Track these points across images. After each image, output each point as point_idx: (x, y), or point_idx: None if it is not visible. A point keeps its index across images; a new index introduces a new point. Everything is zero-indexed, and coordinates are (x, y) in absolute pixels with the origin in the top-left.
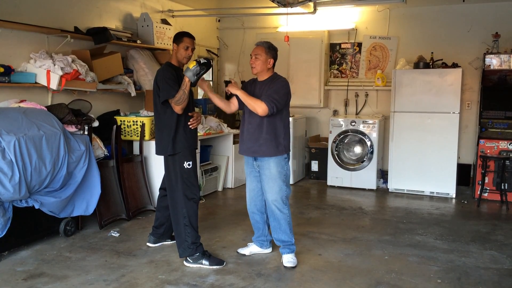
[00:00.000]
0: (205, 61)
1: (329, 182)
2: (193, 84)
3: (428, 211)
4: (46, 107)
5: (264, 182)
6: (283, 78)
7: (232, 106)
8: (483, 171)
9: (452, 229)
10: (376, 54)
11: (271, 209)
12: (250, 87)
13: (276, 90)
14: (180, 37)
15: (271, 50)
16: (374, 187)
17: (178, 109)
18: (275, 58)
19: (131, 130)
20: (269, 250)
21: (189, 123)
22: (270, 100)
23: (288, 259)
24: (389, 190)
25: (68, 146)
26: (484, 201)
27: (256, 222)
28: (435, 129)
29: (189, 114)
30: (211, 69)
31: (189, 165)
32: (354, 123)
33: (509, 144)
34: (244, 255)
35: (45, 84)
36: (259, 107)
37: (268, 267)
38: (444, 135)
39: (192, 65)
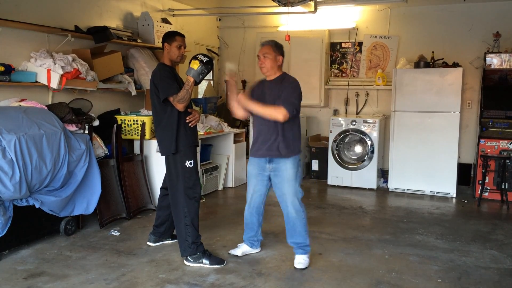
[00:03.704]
0: (208, 59)
1: (330, 182)
2: (197, 83)
3: (428, 211)
4: (46, 106)
5: (281, 185)
6: (294, 78)
7: (246, 113)
8: (483, 171)
9: (452, 229)
10: (377, 53)
11: (288, 211)
12: (258, 89)
13: (291, 92)
14: (171, 36)
15: (278, 47)
16: (375, 187)
17: (180, 107)
18: (283, 55)
19: (132, 129)
20: (259, 249)
21: (187, 121)
22: (289, 103)
23: (300, 260)
24: (390, 190)
25: (69, 145)
26: (484, 200)
27: (252, 223)
28: (435, 128)
29: (189, 110)
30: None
31: (190, 164)
32: (354, 123)
33: (510, 144)
34: (237, 256)
35: (46, 83)
36: (280, 113)
37: (269, 266)
38: (445, 135)
39: (196, 65)
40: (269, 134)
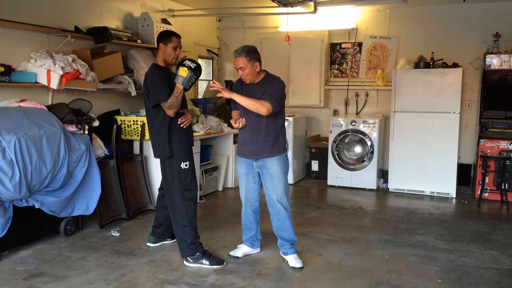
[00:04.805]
0: (196, 65)
1: (329, 182)
2: (187, 90)
3: (428, 211)
4: (46, 106)
5: (268, 182)
6: (279, 78)
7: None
8: (483, 171)
9: (452, 229)
10: (377, 54)
11: (276, 208)
12: (241, 87)
13: (276, 90)
14: (167, 36)
15: (251, 54)
16: (375, 187)
17: (170, 113)
18: (259, 59)
19: (131, 130)
20: (259, 249)
21: (178, 122)
22: (273, 99)
23: (295, 259)
24: (389, 190)
25: (69, 146)
26: (484, 201)
27: (250, 223)
28: (435, 129)
29: (180, 111)
30: (210, 69)
31: (186, 165)
32: (354, 123)
33: (510, 144)
34: (237, 257)
35: (46, 84)
36: (264, 107)
37: (268, 267)
38: (445, 135)
39: (185, 72)
40: (256, 135)
